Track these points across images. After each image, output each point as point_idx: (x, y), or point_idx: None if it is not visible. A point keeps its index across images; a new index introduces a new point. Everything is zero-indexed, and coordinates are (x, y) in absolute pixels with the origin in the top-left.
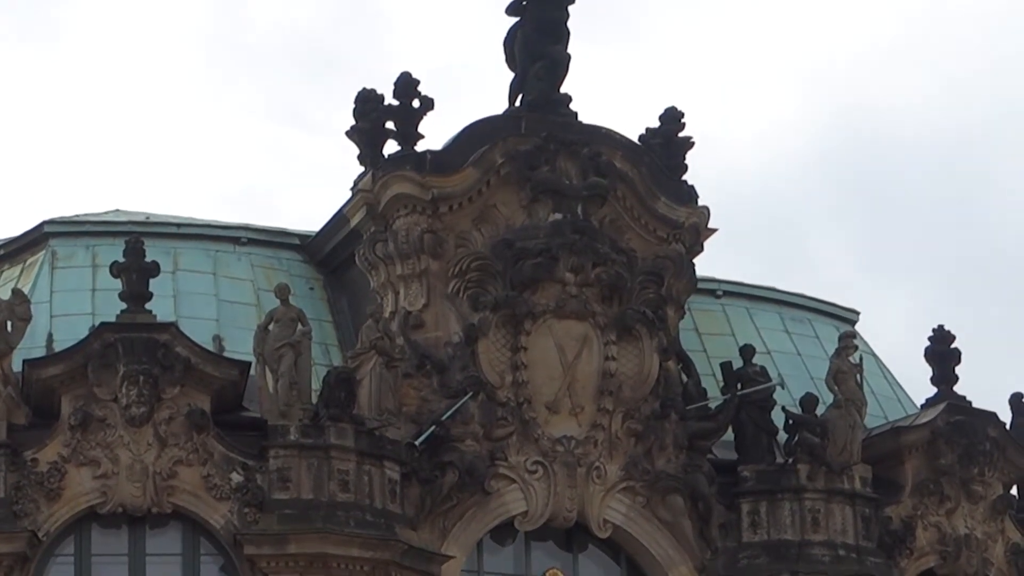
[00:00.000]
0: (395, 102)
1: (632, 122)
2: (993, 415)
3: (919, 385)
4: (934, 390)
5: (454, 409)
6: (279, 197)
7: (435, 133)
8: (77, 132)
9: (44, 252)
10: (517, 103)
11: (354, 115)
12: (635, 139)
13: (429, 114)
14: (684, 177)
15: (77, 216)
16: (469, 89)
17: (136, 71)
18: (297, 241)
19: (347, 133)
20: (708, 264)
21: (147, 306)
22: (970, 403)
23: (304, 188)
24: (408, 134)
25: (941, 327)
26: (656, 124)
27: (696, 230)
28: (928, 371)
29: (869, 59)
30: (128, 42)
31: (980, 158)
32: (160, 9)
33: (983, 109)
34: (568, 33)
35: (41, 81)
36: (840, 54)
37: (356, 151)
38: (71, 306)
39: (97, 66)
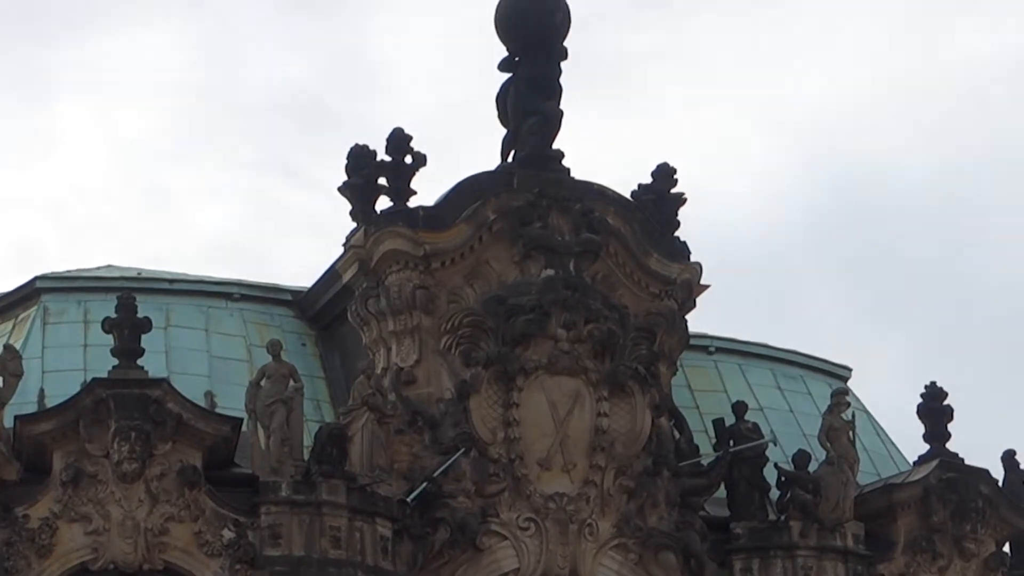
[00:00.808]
0: (387, 158)
1: (624, 178)
2: (985, 472)
3: (912, 442)
4: (927, 447)
5: (446, 465)
6: (270, 251)
7: (427, 188)
8: (69, 186)
9: (36, 307)
10: (509, 159)
11: (346, 171)
12: (627, 195)
13: (421, 170)
14: (676, 233)
15: (69, 272)
16: (461, 144)
17: (128, 124)
18: (289, 297)
19: (339, 189)
20: (700, 320)
21: (139, 362)
22: (962, 460)
23: (295, 242)
24: (400, 190)
25: (933, 384)
26: (649, 180)
27: (689, 286)
28: (920, 428)
29: (861, 116)
30: (119, 96)
31: (971, 214)
32: (152, 62)
33: (974, 167)
34: (560, 89)
35: (34, 135)
36: (832, 111)
37: (348, 206)
38: (63, 362)
39: (89, 120)
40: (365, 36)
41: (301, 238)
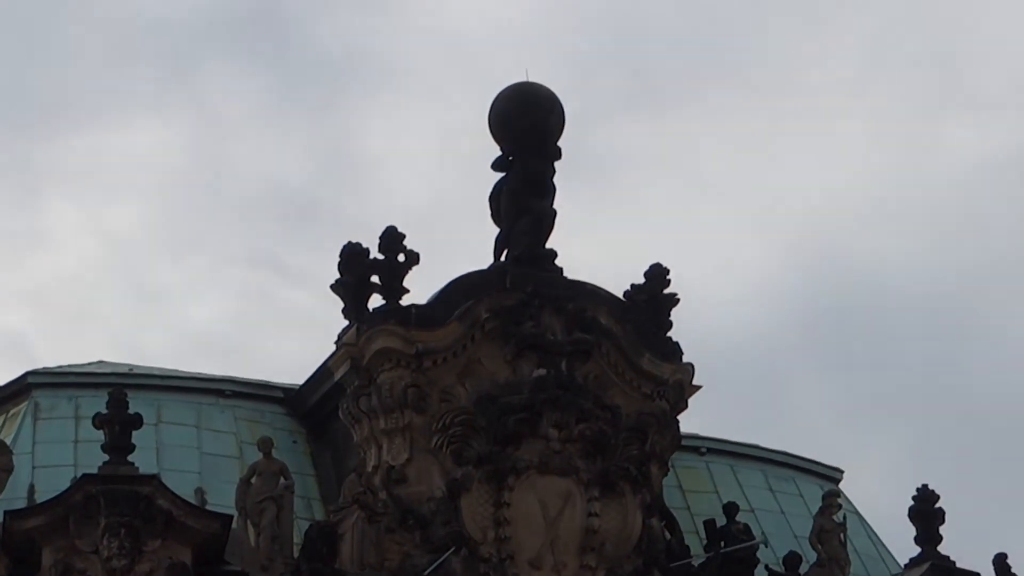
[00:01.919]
0: (380, 256)
1: (617, 278)
2: (977, 575)
3: (903, 544)
4: (918, 550)
5: (436, 564)
6: (260, 347)
7: (420, 285)
8: (58, 281)
9: (27, 403)
10: (502, 258)
11: (339, 268)
12: (620, 295)
13: (414, 267)
14: (669, 334)
15: (60, 367)
16: (453, 241)
17: (117, 220)
18: (281, 394)
19: (332, 286)
20: (692, 421)
21: (129, 458)
22: (954, 563)
23: (285, 338)
24: (393, 288)
25: (925, 486)
26: (641, 280)
27: (680, 387)
28: (912, 530)
29: (852, 217)
30: (109, 191)
31: (961, 312)
32: (142, 157)
33: (963, 263)
34: (554, 189)
35: (23, 230)
36: (824, 212)
37: (340, 303)
38: (53, 457)
39: (79, 215)
40: (357, 132)
41: (291, 334)
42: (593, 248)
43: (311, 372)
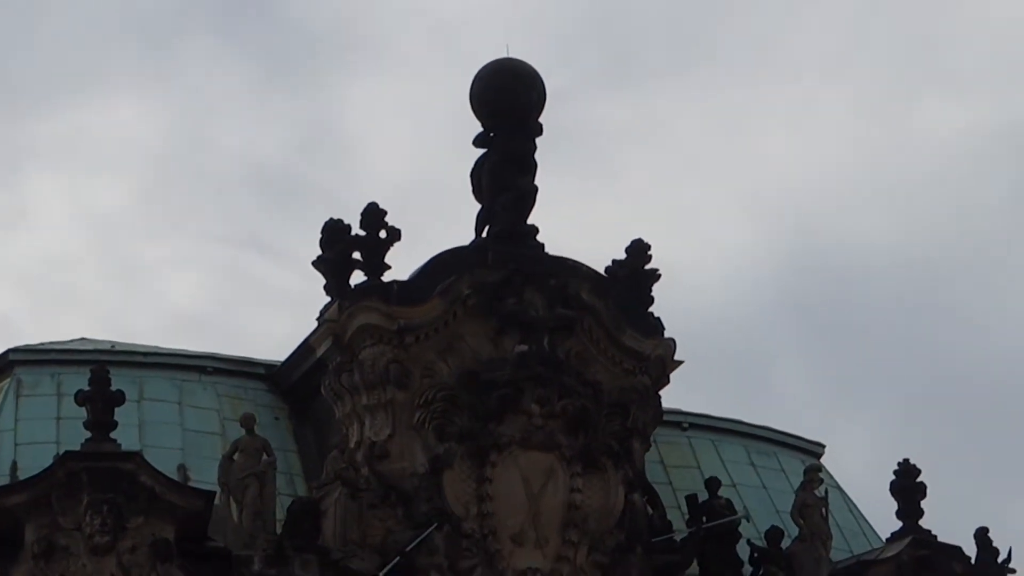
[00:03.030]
0: (362, 232)
1: (598, 254)
2: (958, 550)
3: (884, 519)
4: (899, 524)
5: (419, 540)
6: (241, 323)
7: (401, 262)
8: (39, 258)
9: (9, 380)
10: (484, 234)
11: (321, 245)
12: (602, 271)
13: (396, 244)
14: (650, 309)
15: (42, 344)
16: (434, 218)
17: (98, 197)
18: (263, 371)
19: (314, 263)
20: (674, 397)
21: (112, 435)
22: (935, 537)
23: (266, 314)
24: (375, 264)
25: (906, 461)
26: (622, 256)
27: (662, 362)
28: (893, 505)
29: (832, 191)
30: (90, 168)
31: (944, 291)
32: (122, 134)
33: (945, 242)
34: (535, 165)
35: (3, 208)
36: (803, 187)
37: (320, 279)
38: (36, 434)
39: (60, 192)
40: (337, 109)
41: (273, 311)
42: (575, 224)
43: (292, 347)
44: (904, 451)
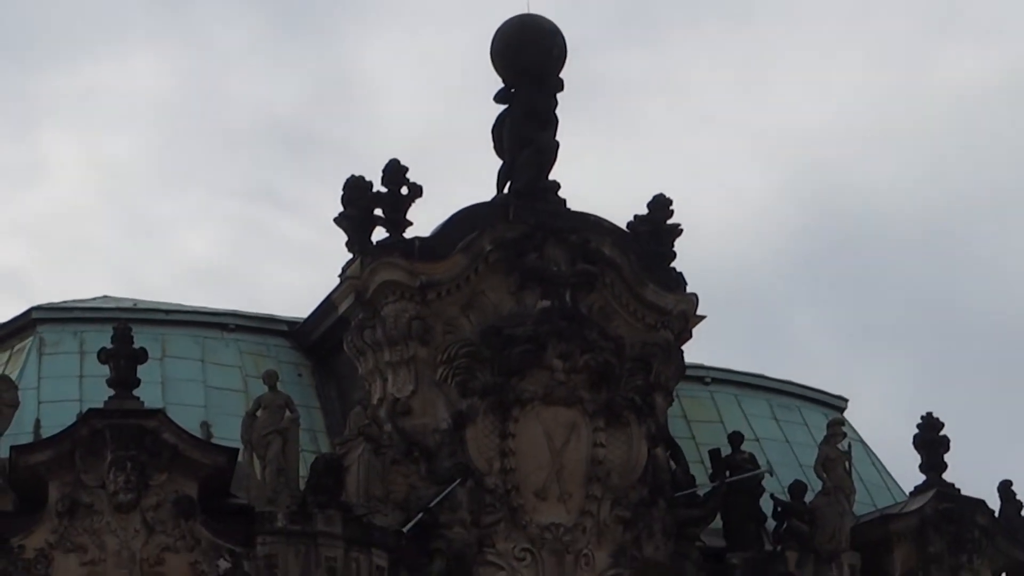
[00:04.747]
0: (383, 189)
1: (620, 209)
2: (982, 503)
3: (908, 472)
4: (923, 477)
5: (442, 496)
6: (258, 278)
7: (423, 219)
8: (55, 213)
9: (32, 338)
10: (505, 190)
11: (342, 202)
12: (623, 226)
13: (417, 200)
14: (672, 264)
15: (65, 302)
16: (455, 172)
17: (114, 151)
18: (285, 327)
19: (335, 220)
20: (697, 351)
21: (135, 392)
22: (959, 491)
23: (283, 268)
24: (396, 221)
25: (930, 415)
26: (644, 211)
27: (684, 317)
28: (917, 458)
29: (854, 144)
30: (106, 122)
31: (967, 242)
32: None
33: (963, 188)
34: (556, 120)
35: (19, 163)
36: (825, 140)
37: (338, 234)
38: (59, 392)
39: (76, 147)
40: (356, 62)
41: (290, 265)
42: (596, 179)
43: (312, 303)
44: (927, 404)
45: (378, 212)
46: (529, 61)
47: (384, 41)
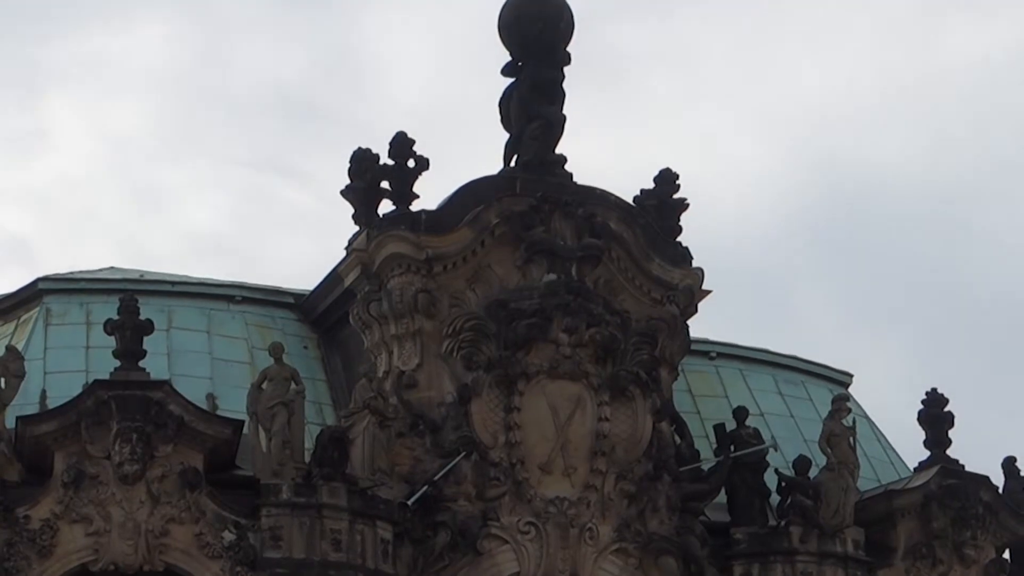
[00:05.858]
0: (390, 162)
1: (627, 183)
2: (986, 479)
3: (912, 448)
4: (927, 453)
5: (447, 469)
6: (262, 248)
7: (430, 192)
8: (60, 182)
9: (38, 309)
10: (512, 163)
11: (349, 174)
12: (630, 200)
13: (424, 173)
14: (678, 239)
15: (71, 273)
16: (460, 144)
17: (119, 121)
18: (291, 300)
19: (342, 192)
20: (702, 326)
21: (141, 364)
22: (963, 467)
23: (287, 239)
24: (403, 194)
25: (934, 390)
26: (651, 185)
27: (690, 292)
28: (921, 434)
29: (860, 119)
30: (111, 92)
31: (972, 219)
32: (144, 58)
33: (968, 162)
34: (563, 94)
35: (24, 132)
36: (831, 115)
37: (343, 205)
38: (65, 363)
39: (81, 116)
40: (361, 32)
41: (295, 235)
42: (602, 153)
43: (318, 274)
44: (932, 380)
45: (385, 185)
46: (536, 34)
47: (392, 13)
